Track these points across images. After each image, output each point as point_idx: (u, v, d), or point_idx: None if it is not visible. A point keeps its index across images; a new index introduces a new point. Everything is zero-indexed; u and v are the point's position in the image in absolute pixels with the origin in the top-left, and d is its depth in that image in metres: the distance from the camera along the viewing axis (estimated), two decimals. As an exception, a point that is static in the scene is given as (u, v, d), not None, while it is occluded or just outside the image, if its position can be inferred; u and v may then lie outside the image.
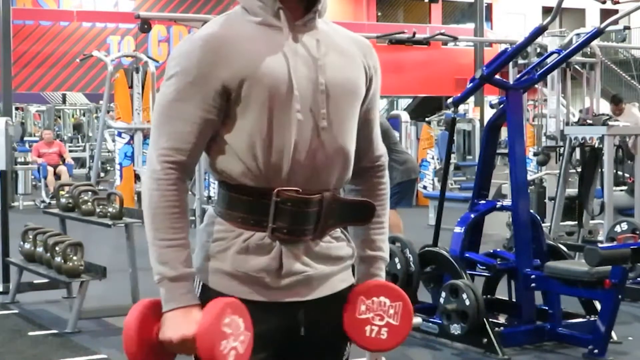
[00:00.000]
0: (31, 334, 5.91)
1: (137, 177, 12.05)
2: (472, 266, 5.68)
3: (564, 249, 5.75)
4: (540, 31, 5.71)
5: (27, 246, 6.55)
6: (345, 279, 2.03)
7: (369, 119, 2.07)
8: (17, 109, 22.52)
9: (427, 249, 5.77)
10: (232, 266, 1.91)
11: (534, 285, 5.46)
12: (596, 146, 7.59)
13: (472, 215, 5.76)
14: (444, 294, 5.34)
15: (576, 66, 10.59)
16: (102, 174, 15.29)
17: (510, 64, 9.26)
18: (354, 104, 1.99)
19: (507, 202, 5.93)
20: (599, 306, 5.38)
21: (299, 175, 1.89)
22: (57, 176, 14.13)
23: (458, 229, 5.70)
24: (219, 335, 1.79)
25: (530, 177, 8.40)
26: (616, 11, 10.86)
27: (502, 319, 5.75)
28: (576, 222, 7.93)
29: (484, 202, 5.84)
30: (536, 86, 9.54)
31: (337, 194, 1.97)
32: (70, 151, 17.15)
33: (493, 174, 6.02)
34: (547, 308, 5.57)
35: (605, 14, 24.52)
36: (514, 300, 5.73)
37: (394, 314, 2.00)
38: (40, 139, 15.73)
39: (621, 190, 8.21)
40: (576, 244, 7.28)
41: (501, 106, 5.80)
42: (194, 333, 1.81)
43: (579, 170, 7.80)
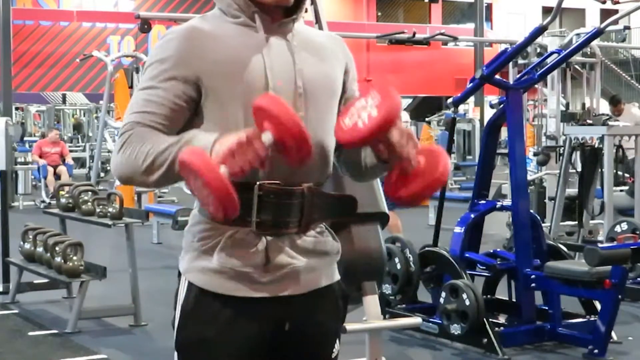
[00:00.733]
0: (31, 334, 5.91)
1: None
2: (472, 266, 5.68)
3: (564, 249, 5.75)
4: (540, 31, 5.71)
5: (27, 246, 6.55)
6: (331, 275, 2.04)
7: None
8: (17, 109, 22.51)
9: (427, 249, 5.77)
10: (218, 263, 1.91)
11: (534, 285, 5.46)
12: (596, 146, 7.60)
13: (472, 215, 5.76)
14: (444, 294, 5.34)
15: (576, 66, 10.60)
16: (102, 174, 15.28)
17: (510, 64, 9.26)
18: (332, 100, 2.00)
19: (507, 202, 5.93)
20: (599, 306, 5.38)
21: (279, 170, 1.88)
22: (57, 176, 14.13)
23: (458, 229, 5.71)
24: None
25: (530, 177, 8.40)
26: (616, 11, 10.85)
27: (502, 319, 5.75)
28: (576, 222, 7.92)
29: (484, 202, 5.84)
30: (536, 86, 9.53)
31: (319, 188, 1.97)
32: (70, 151, 17.13)
33: (493, 174, 6.03)
34: (547, 308, 5.57)
35: (605, 14, 24.50)
36: (514, 300, 5.73)
37: (372, 104, 1.84)
38: (42, 137, 15.71)
39: (621, 190, 8.21)
40: (576, 244, 7.27)
41: (501, 106, 5.80)
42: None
43: (579, 170, 7.80)
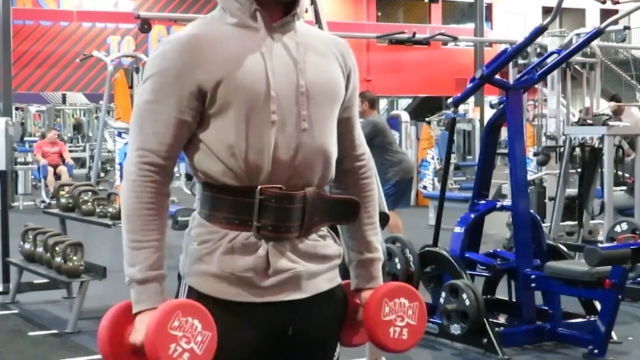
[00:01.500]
0: (31, 334, 5.91)
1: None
2: (472, 266, 5.68)
3: (564, 249, 5.75)
4: (540, 31, 5.71)
5: (27, 246, 6.55)
6: (332, 279, 2.02)
7: (349, 117, 2.07)
8: (17, 109, 22.50)
9: (427, 249, 5.77)
10: (218, 267, 1.89)
11: (534, 285, 5.46)
12: (596, 146, 7.59)
13: (472, 215, 5.76)
14: (444, 294, 5.34)
15: (576, 66, 10.58)
16: (102, 174, 15.27)
17: (510, 64, 9.25)
18: (334, 104, 1.99)
19: (507, 202, 5.93)
20: (599, 306, 5.38)
21: (280, 174, 1.88)
22: (57, 176, 14.13)
23: (458, 229, 5.70)
24: (165, 339, 1.76)
25: (530, 177, 8.40)
26: (616, 11, 10.84)
27: (502, 319, 5.75)
28: (576, 222, 7.92)
29: (484, 202, 5.84)
30: (536, 86, 9.53)
31: (321, 191, 1.96)
32: (70, 151, 17.12)
33: (493, 174, 6.03)
34: (547, 308, 5.57)
35: (605, 14, 24.52)
36: (514, 300, 5.73)
37: (412, 314, 2.03)
38: (41, 138, 15.71)
39: (621, 190, 8.21)
40: (576, 244, 7.27)
41: (501, 106, 5.80)
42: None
43: (579, 170, 7.80)
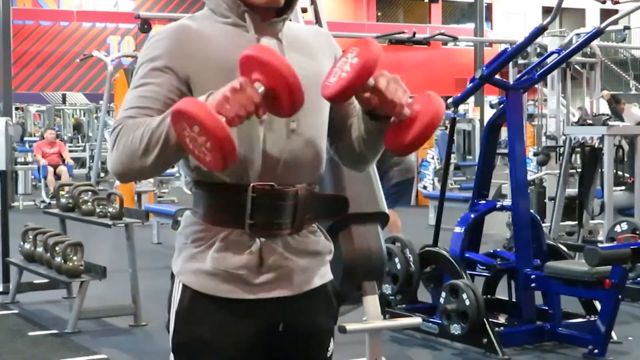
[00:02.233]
0: (31, 334, 5.91)
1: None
2: (472, 266, 5.68)
3: (564, 249, 5.75)
4: (540, 31, 5.71)
5: (27, 246, 6.55)
6: (323, 275, 2.03)
7: (351, 101, 2.01)
8: (17, 109, 22.50)
9: (427, 249, 5.77)
10: (211, 265, 1.91)
11: (534, 285, 5.46)
12: (596, 146, 7.59)
13: (472, 215, 5.76)
14: (444, 294, 5.34)
15: (576, 66, 10.59)
16: (102, 174, 15.25)
17: (510, 64, 9.26)
18: (323, 99, 1.96)
19: (507, 202, 5.93)
20: (599, 306, 5.38)
21: (272, 171, 1.89)
22: (57, 176, 14.13)
23: (458, 229, 5.71)
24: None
25: (530, 177, 8.40)
26: (616, 11, 10.84)
27: (502, 319, 5.75)
28: (576, 222, 7.93)
29: (484, 202, 5.84)
30: (536, 86, 9.54)
31: (312, 189, 1.97)
32: (70, 151, 17.12)
33: (493, 174, 6.03)
34: (547, 308, 5.57)
35: (605, 14, 24.50)
36: (514, 300, 5.73)
37: (352, 56, 1.80)
38: (41, 138, 15.71)
39: (621, 190, 8.21)
40: (576, 244, 7.27)
41: (501, 106, 5.80)
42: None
43: (579, 170, 7.80)
